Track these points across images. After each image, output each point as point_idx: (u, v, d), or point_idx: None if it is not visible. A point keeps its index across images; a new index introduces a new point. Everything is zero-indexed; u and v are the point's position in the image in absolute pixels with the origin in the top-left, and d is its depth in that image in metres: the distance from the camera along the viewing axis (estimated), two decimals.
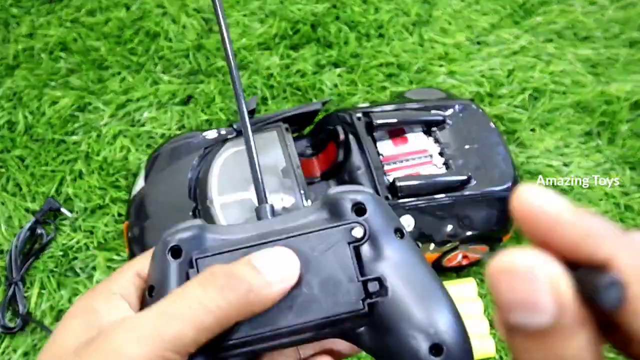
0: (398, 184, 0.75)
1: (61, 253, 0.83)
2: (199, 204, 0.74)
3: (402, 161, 0.81)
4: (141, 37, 1.03)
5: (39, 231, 0.83)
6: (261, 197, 0.27)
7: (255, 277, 0.23)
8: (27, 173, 0.89)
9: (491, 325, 0.83)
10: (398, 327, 0.23)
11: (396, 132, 0.83)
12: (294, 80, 1.00)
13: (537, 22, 1.11)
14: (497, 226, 0.81)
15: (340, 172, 0.80)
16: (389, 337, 0.23)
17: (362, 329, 0.24)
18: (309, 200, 0.74)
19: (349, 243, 0.24)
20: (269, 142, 0.79)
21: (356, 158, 0.78)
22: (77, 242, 0.84)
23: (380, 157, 0.79)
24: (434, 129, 0.83)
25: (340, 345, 0.28)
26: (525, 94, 1.01)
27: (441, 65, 1.04)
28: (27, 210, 0.86)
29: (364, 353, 0.27)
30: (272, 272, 0.23)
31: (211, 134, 0.83)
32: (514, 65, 1.05)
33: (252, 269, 0.23)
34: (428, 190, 0.76)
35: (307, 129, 0.88)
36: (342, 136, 0.81)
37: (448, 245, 0.80)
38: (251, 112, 0.82)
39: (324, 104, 0.83)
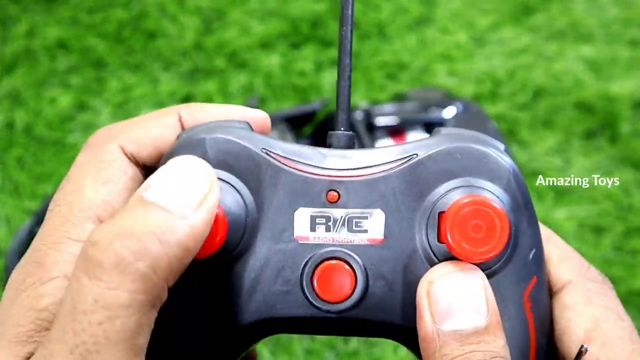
0: None
1: None
2: None
3: None
4: (140, 36, 1.03)
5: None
6: (342, 119, 0.20)
7: None
8: (25, 173, 0.89)
9: None
10: None
11: (396, 131, 0.82)
12: (294, 80, 0.99)
13: (538, 21, 1.11)
14: None
15: None
16: None
17: None
18: None
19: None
20: None
21: None
22: None
23: None
24: (434, 128, 0.83)
25: None
26: (526, 93, 1.01)
27: (442, 65, 1.03)
28: (25, 210, 0.86)
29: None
30: None
31: None
32: (515, 65, 1.04)
33: None
34: None
35: (308, 129, 0.88)
36: None
37: None
38: None
39: (323, 103, 0.83)
